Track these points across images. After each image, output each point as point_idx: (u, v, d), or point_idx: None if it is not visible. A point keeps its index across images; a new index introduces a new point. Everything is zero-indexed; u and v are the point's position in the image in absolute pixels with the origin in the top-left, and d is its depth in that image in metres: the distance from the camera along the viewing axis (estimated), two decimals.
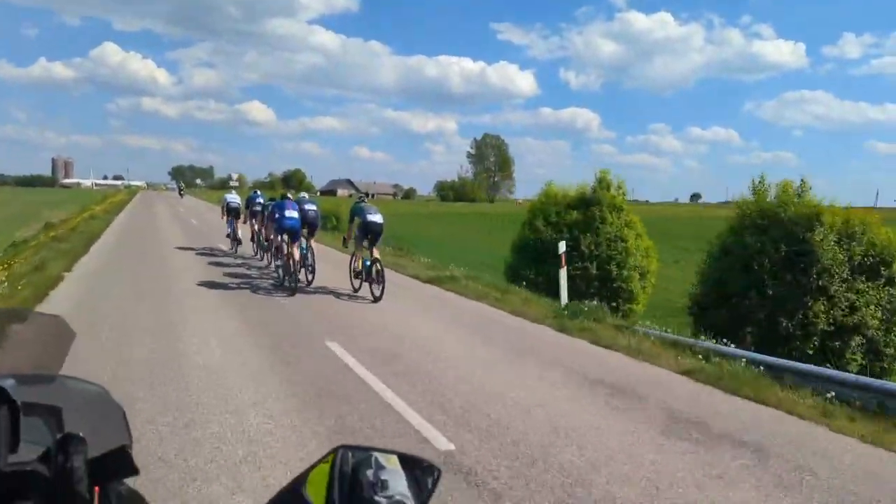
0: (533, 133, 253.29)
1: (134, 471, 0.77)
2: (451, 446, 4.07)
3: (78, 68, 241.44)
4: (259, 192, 15.41)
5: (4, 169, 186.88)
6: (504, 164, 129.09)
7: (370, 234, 9.17)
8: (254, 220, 14.17)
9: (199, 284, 10.23)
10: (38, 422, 0.71)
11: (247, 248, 15.08)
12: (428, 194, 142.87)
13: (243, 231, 15.14)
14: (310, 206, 10.48)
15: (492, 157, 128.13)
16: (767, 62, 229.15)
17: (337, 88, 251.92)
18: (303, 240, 10.60)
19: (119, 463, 0.75)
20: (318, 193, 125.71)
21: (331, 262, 12.51)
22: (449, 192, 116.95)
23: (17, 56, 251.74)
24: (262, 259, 13.53)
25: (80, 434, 0.68)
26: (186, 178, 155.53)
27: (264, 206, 13.15)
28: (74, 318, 6.67)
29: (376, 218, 9.19)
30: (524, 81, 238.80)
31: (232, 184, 24.79)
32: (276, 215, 9.96)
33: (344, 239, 10.47)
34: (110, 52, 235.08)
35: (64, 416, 0.74)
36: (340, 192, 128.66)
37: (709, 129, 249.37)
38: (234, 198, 15.63)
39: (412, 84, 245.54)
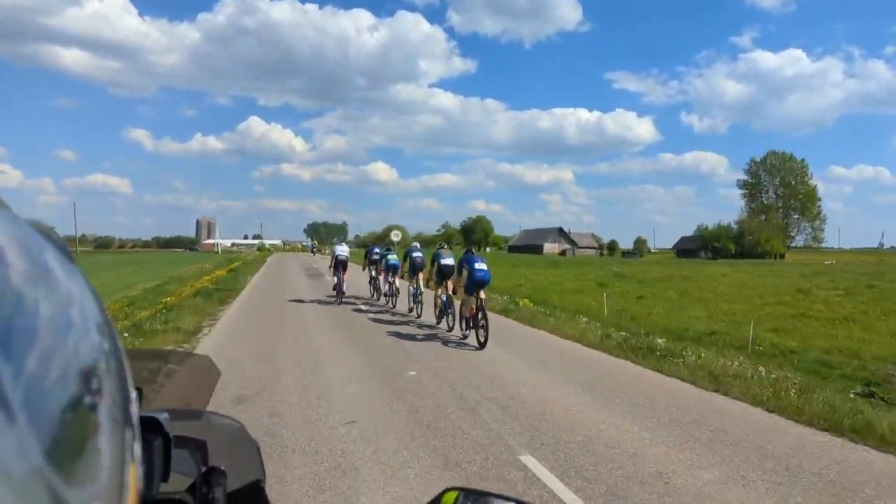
0: (653, 180, 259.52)
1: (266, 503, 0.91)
2: None
3: (228, 141, 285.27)
4: (376, 247, 19.00)
5: (166, 232, 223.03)
6: (806, 197, 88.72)
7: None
8: (372, 268, 17.52)
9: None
10: (186, 454, 0.77)
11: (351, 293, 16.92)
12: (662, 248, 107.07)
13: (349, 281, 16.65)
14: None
15: (772, 191, 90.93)
16: None
17: (455, 146, 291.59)
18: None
19: (254, 496, 0.88)
20: (508, 248, 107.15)
21: None
22: (727, 242, 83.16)
23: (178, 133, 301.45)
24: (388, 303, 15.60)
25: (222, 468, 0.76)
26: (320, 234, 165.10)
27: (382, 256, 16.42)
28: None
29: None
30: (643, 128, 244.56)
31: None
32: (466, 269, 10.20)
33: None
34: (255, 125, 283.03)
35: (209, 450, 0.80)
36: (548, 246, 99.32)
37: (853, 168, 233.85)
38: (342, 250, 16.96)
39: (526, 137, 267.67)
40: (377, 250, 17.67)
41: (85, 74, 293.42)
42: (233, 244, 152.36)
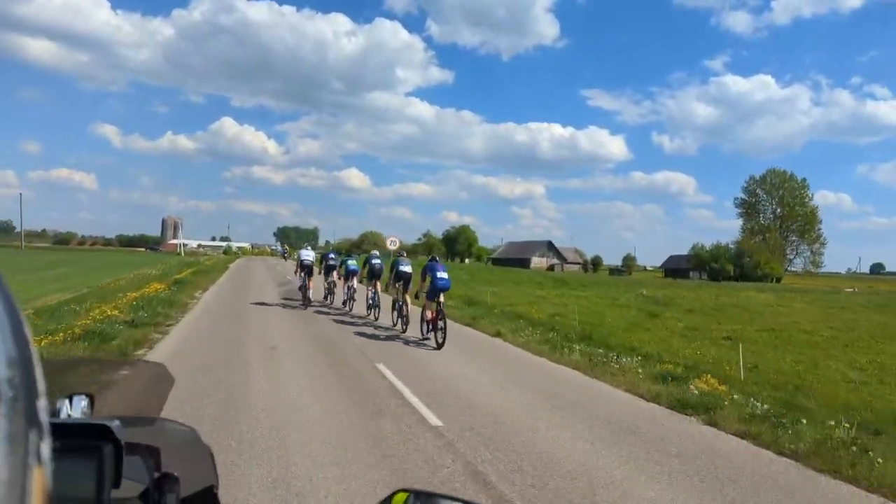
0: (623, 197, 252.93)
1: None
2: None
3: (199, 140, 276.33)
4: (331, 253, 20.08)
5: (132, 230, 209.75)
6: (805, 219, 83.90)
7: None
8: (328, 273, 17.98)
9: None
10: (138, 461, 0.78)
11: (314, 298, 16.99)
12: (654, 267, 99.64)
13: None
14: (442, 273, 11.07)
15: (771, 210, 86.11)
16: (883, 123, 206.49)
17: (429, 156, 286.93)
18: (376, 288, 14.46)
19: (207, 502, 0.88)
20: (491, 261, 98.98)
21: None
22: (725, 264, 76.59)
23: (148, 130, 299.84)
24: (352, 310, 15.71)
25: (175, 474, 0.77)
26: (290, 239, 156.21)
27: (342, 262, 17.11)
28: None
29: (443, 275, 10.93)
30: (615, 146, 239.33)
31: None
32: (429, 276, 10.88)
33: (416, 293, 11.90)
34: (228, 125, 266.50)
35: (162, 457, 0.80)
36: (536, 260, 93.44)
37: (816, 193, 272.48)
38: (307, 254, 17.45)
39: (501, 150, 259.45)
40: (332, 256, 18.92)
41: (52, 66, 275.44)
42: (199, 245, 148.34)
